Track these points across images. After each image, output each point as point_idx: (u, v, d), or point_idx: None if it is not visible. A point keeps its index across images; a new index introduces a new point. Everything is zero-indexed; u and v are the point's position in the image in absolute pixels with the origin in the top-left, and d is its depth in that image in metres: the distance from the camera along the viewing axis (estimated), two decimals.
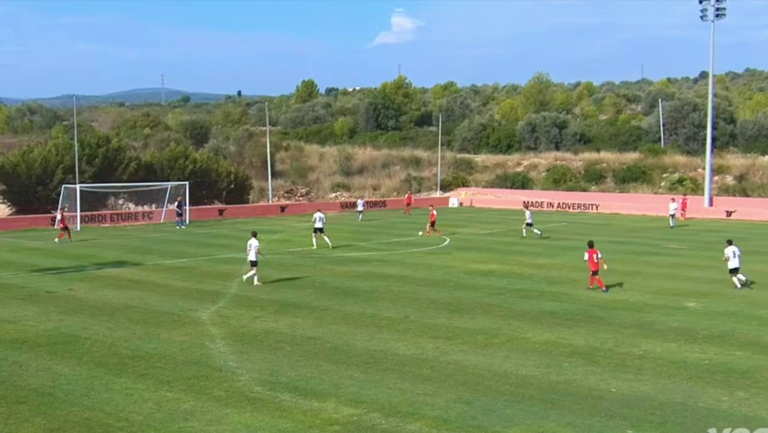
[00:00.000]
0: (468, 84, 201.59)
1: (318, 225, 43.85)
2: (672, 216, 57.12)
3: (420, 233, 50.37)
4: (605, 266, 30.63)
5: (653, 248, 43.47)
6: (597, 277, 30.27)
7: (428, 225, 50.12)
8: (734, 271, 30.86)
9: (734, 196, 73.55)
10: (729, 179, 79.09)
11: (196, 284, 31.35)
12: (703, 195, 71.20)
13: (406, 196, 74.36)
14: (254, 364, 19.38)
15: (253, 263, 31.11)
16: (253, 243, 31.09)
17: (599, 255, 30.32)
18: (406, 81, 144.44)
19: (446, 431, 14.95)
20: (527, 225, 49.30)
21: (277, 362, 19.66)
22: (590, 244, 30.77)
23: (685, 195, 66.81)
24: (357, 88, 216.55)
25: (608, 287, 30.10)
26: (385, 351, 20.79)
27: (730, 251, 30.91)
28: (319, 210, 45.79)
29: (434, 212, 50.80)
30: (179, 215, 57.29)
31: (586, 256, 30.43)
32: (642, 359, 20.08)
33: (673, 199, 59.75)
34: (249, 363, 19.47)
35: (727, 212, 64.84)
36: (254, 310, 26.05)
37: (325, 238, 43.15)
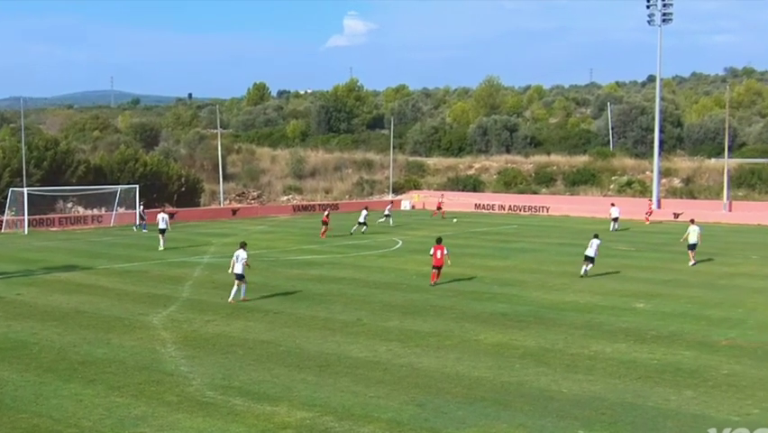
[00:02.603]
0: (419, 87, 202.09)
1: (162, 225, 44.91)
2: (615, 219, 57.24)
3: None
4: (448, 262, 31.92)
5: (602, 250, 43.84)
6: (436, 272, 31.71)
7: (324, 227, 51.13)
8: (587, 259, 34.53)
9: (681, 198, 74.67)
10: (677, 182, 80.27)
11: (148, 288, 31.05)
12: (651, 197, 72.24)
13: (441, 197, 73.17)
14: (206, 369, 19.26)
15: (240, 277, 28.04)
16: (241, 254, 28.04)
17: (446, 252, 31.65)
18: (358, 84, 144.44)
19: None
20: (360, 223, 52.65)
21: (229, 366, 19.56)
22: (438, 240, 32.23)
23: (650, 199, 67.52)
24: (309, 91, 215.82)
25: (437, 283, 31.52)
26: (338, 354, 20.79)
27: (594, 242, 35.26)
28: (162, 211, 48.20)
29: (326, 215, 52.37)
30: (142, 218, 57.02)
31: (432, 251, 31.74)
32: (592, 360, 20.31)
33: (613, 204, 60.10)
34: (201, 368, 19.34)
35: (675, 214, 65.76)
36: (206, 314, 25.89)
37: (161, 239, 44.21)
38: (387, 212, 61.47)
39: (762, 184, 74.89)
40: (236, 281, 28.14)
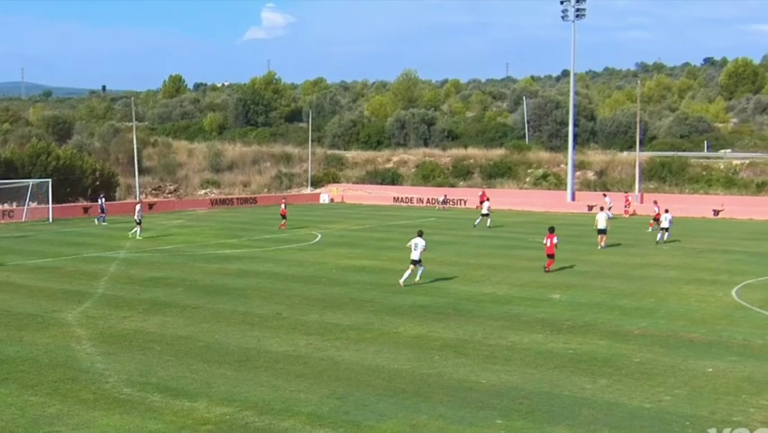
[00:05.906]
0: (338, 80, 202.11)
1: (137, 217, 46.49)
2: (609, 209, 58.66)
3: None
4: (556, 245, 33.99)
5: (520, 242, 44.58)
6: (550, 260, 33.73)
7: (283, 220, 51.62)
8: (664, 230, 42.32)
9: (595, 191, 76.03)
10: (590, 175, 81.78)
11: (62, 284, 30.41)
12: (566, 190, 73.52)
13: (481, 193, 66.47)
14: (123, 365, 18.98)
15: (414, 262, 30.05)
16: (420, 242, 30.05)
17: (555, 240, 33.55)
18: (276, 77, 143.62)
19: (320, 427, 15.01)
20: (483, 215, 52.63)
21: (146, 362, 19.31)
22: (551, 230, 34.06)
23: (626, 192, 68.65)
24: (226, 84, 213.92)
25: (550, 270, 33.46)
26: (257, 348, 20.70)
27: (667, 216, 43.20)
28: (139, 204, 50.37)
29: (283, 206, 52.66)
30: (103, 210, 56.26)
31: (545, 240, 34.21)
32: (510, 350, 20.61)
33: (605, 194, 61.42)
34: (117, 365, 19.05)
35: (589, 206, 66.93)
36: (122, 310, 25.49)
37: (137, 231, 46.13)
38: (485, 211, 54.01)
39: (672, 177, 76.76)
40: (411, 266, 30.09)
